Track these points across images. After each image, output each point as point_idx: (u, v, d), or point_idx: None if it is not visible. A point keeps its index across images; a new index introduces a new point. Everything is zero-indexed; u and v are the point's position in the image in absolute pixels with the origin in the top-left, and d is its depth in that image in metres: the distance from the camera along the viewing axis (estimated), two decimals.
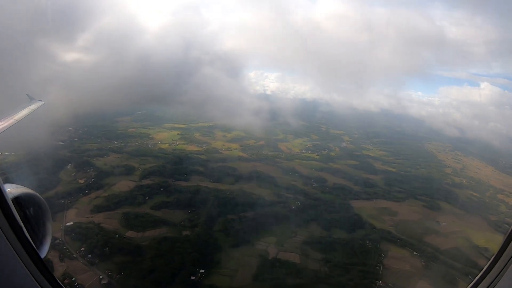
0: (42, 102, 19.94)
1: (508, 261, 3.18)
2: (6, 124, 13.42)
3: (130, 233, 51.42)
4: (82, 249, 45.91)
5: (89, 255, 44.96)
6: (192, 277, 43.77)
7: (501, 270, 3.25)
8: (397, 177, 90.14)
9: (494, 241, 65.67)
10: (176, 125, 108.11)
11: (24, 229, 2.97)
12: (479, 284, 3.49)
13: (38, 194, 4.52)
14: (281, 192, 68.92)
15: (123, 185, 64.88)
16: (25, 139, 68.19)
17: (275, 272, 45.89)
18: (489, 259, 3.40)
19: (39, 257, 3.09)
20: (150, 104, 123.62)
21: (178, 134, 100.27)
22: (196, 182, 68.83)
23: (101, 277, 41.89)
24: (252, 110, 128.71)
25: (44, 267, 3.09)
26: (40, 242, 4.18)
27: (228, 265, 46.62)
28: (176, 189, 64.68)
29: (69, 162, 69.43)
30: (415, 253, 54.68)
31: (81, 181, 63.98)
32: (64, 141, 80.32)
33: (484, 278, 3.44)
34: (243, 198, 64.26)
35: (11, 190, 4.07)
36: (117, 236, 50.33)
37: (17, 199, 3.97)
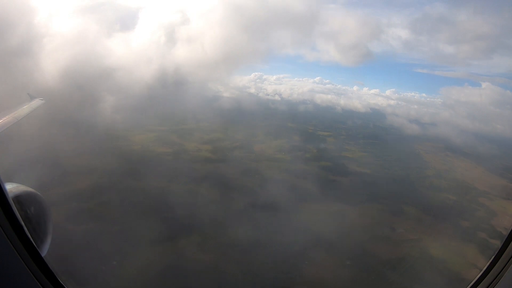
0: (43, 101, 20.45)
1: (508, 261, 3.12)
2: (7, 122, 13.64)
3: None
4: None
5: None
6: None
7: (501, 270, 3.18)
8: (368, 179, 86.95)
9: (456, 251, 60.96)
10: (157, 128, 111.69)
11: (25, 228, 3.01)
12: (478, 284, 3.43)
13: (39, 193, 4.57)
14: (227, 193, 70.01)
15: (80, 183, 68.85)
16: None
17: (180, 270, 46.65)
18: (489, 259, 3.36)
19: (40, 256, 3.14)
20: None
21: (154, 136, 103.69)
22: (150, 182, 72.20)
23: None
24: (238, 112, 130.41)
25: (45, 266, 3.13)
26: (40, 241, 4.20)
27: (143, 259, 47.97)
28: (127, 188, 67.90)
29: (39, 163, 76.19)
30: (348, 262, 51.63)
31: (44, 179, 70.30)
32: (41, 142, 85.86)
33: (484, 278, 3.37)
34: (183, 198, 65.80)
35: (12, 188, 4.11)
36: None
37: (17, 198, 3.99)
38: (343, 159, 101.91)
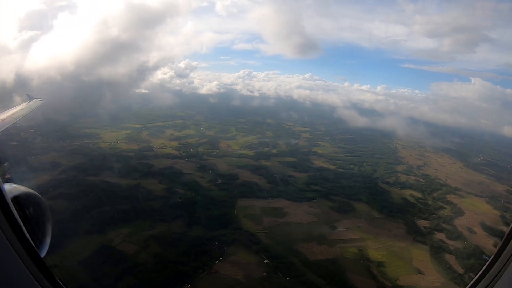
0: (42, 101, 20.80)
1: (507, 261, 3.13)
2: (6, 122, 13.87)
3: None
4: None
5: None
6: None
7: (500, 270, 3.19)
8: (329, 175, 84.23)
9: (400, 254, 56.94)
10: (132, 125, 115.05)
11: (24, 229, 3.01)
12: (477, 284, 3.43)
13: (38, 194, 4.50)
14: (175, 188, 70.75)
15: (41, 179, 74.07)
16: None
17: (100, 259, 47.90)
18: (488, 259, 3.32)
19: (39, 256, 3.15)
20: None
21: (126, 133, 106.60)
22: (103, 177, 74.82)
23: None
24: (218, 109, 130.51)
25: (44, 266, 3.13)
26: (39, 241, 4.18)
27: (70, 248, 49.90)
28: (80, 183, 71.20)
29: (8, 160, 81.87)
30: (266, 261, 49.63)
31: (8, 176, 75.10)
32: (18, 141, 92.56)
33: (483, 278, 3.37)
34: (132, 192, 67.43)
35: (11, 189, 4.07)
36: None
37: (16, 199, 3.97)
38: (312, 154, 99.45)
